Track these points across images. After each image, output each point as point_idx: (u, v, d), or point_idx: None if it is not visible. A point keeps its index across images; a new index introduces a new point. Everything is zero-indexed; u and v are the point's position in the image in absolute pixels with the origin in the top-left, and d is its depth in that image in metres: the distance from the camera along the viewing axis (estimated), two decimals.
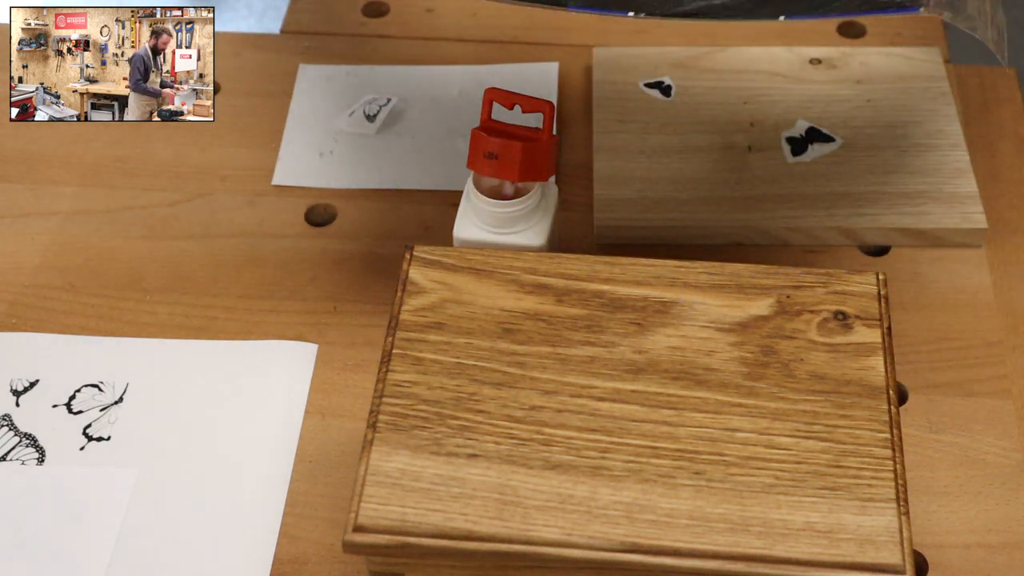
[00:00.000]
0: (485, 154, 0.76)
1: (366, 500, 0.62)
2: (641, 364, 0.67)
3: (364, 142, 0.95)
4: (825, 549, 0.60)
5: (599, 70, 0.97)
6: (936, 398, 0.78)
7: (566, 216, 0.89)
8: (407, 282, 0.71)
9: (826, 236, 0.86)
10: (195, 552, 0.72)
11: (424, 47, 1.02)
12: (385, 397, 0.66)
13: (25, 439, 0.78)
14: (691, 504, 0.62)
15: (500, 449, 0.64)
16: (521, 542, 0.61)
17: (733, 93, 0.95)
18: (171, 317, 0.84)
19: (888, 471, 0.63)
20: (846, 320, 0.69)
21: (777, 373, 0.67)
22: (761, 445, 0.64)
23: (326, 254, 0.87)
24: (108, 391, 0.80)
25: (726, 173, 0.89)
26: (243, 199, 0.91)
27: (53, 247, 0.88)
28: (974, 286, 0.84)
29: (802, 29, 1.02)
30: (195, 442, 0.77)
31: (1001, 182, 0.91)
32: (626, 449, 0.64)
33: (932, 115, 0.92)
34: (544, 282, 0.71)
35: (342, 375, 0.80)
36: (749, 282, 0.71)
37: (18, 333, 0.83)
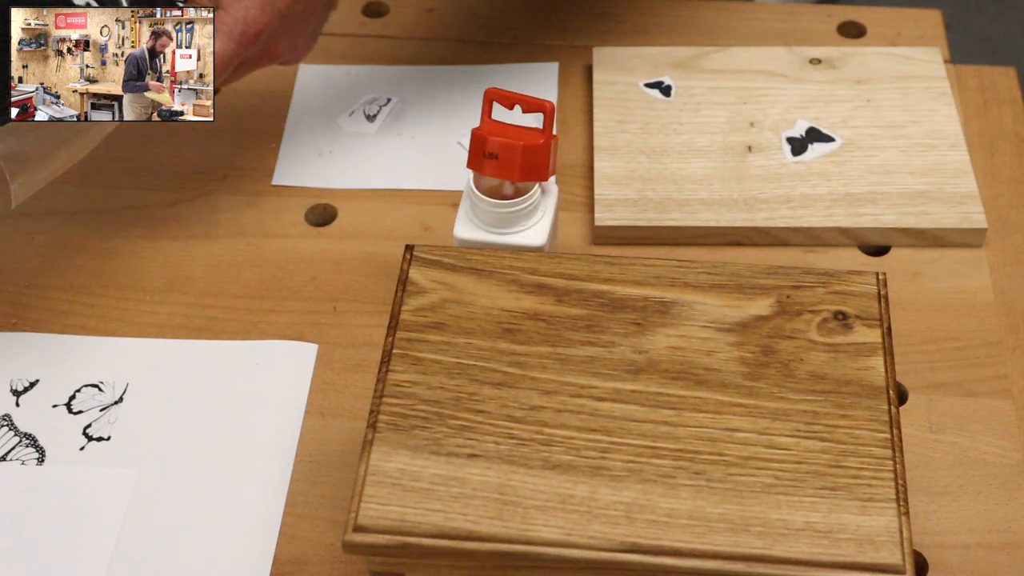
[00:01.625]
0: (485, 154, 0.76)
1: (366, 500, 0.62)
2: (641, 364, 0.67)
3: (364, 142, 0.95)
4: (825, 549, 0.60)
5: (599, 70, 0.97)
6: (936, 398, 0.78)
7: (566, 216, 0.89)
8: (407, 282, 0.71)
9: (826, 236, 0.86)
10: (195, 552, 0.72)
11: (424, 47, 1.02)
12: (385, 397, 0.66)
13: (25, 439, 0.78)
14: (691, 504, 0.62)
15: (500, 449, 0.64)
16: (521, 542, 0.61)
17: (733, 93, 0.95)
18: (171, 317, 0.84)
19: (888, 471, 0.63)
20: (846, 320, 0.69)
21: (777, 373, 0.67)
22: (761, 445, 0.64)
23: (326, 254, 0.88)
24: (108, 391, 0.80)
25: (726, 173, 0.89)
26: (243, 199, 0.91)
27: (53, 247, 0.88)
28: (974, 286, 0.84)
29: (802, 29, 1.02)
30: (195, 442, 0.77)
31: (1001, 182, 0.91)
32: (626, 449, 0.64)
33: (932, 115, 0.92)
34: (544, 282, 0.71)
35: (342, 375, 0.80)
36: (749, 282, 0.71)
37: (18, 333, 0.83)
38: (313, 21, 0.83)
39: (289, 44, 0.82)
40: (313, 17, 0.83)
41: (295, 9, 0.80)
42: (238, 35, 0.77)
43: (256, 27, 0.77)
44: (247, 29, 0.77)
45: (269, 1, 0.78)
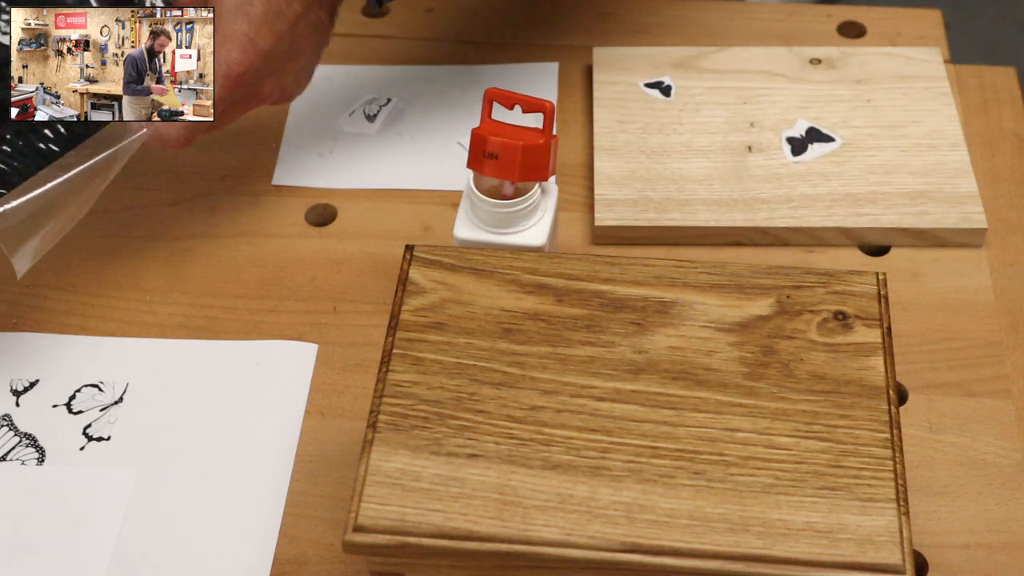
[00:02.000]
0: (485, 154, 0.76)
1: (366, 500, 0.62)
2: (641, 364, 0.67)
3: (364, 142, 0.95)
4: (825, 549, 0.60)
5: (599, 70, 0.97)
6: (936, 398, 0.78)
7: (566, 216, 0.89)
8: (407, 282, 0.71)
9: (826, 236, 0.86)
10: (195, 552, 0.72)
11: (424, 47, 1.02)
12: (385, 397, 0.66)
13: (25, 439, 0.78)
14: (691, 504, 0.62)
15: (500, 449, 0.64)
16: (521, 542, 0.61)
17: (733, 93, 0.95)
18: (171, 317, 0.84)
19: (888, 471, 0.63)
20: (846, 320, 0.69)
21: (777, 373, 0.67)
22: (761, 445, 0.64)
23: (326, 254, 0.88)
24: (108, 391, 0.80)
25: (726, 173, 0.89)
26: (243, 199, 0.91)
27: (53, 247, 0.88)
28: (974, 286, 0.84)
29: (802, 29, 1.02)
30: (195, 442, 0.77)
31: (1001, 182, 0.91)
32: (626, 449, 0.64)
33: (932, 115, 0.92)
34: (544, 282, 0.71)
35: (342, 375, 0.80)
36: (749, 282, 0.71)
37: (18, 333, 0.83)
38: (302, 59, 0.81)
39: (276, 84, 0.81)
40: (302, 55, 0.81)
41: (279, 48, 0.78)
42: (220, 77, 0.76)
43: (238, 68, 0.76)
44: (229, 71, 0.76)
45: (250, 42, 0.76)
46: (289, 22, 0.78)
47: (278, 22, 0.77)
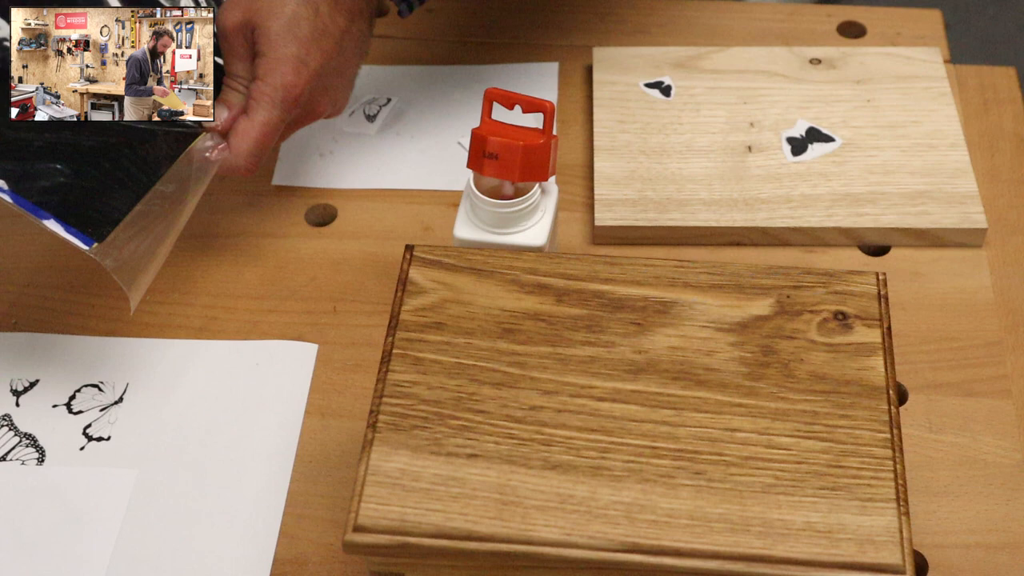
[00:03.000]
0: (485, 154, 0.76)
1: (366, 500, 0.62)
2: (641, 364, 0.67)
3: (364, 142, 0.95)
4: (825, 549, 0.60)
5: (599, 70, 0.97)
6: (936, 398, 0.78)
7: (566, 216, 0.89)
8: (407, 282, 0.71)
9: (826, 236, 0.86)
10: (195, 552, 0.72)
11: (424, 47, 1.02)
12: (385, 397, 0.66)
13: (25, 439, 0.78)
14: (691, 504, 0.62)
15: (500, 449, 0.64)
16: (521, 542, 0.61)
17: (733, 93, 0.95)
18: (171, 317, 0.84)
19: (888, 471, 0.63)
20: (846, 320, 0.69)
21: (777, 373, 0.67)
22: (761, 445, 0.64)
23: (326, 254, 0.88)
24: (108, 391, 0.80)
25: (726, 173, 0.89)
26: (243, 199, 0.91)
27: (53, 247, 0.88)
28: (974, 286, 0.84)
29: (802, 29, 1.02)
30: (195, 442, 0.77)
31: (1001, 182, 0.91)
32: (626, 449, 0.64)
33: (932, 115, 0.92)
34: (544, 282, 0.71)
35: (342, 375, 0.80)
36: (749, 282, 0.71)
37: (18, 333, 0.83)
38: (349, 72, 0.85)
39: (330, 100, 0.84)
40: (349, 68, 0.84)
41: (329, 66, 0.81)
42: (280, 102, 0.79)
43: (295, 91, 0.79)
44: (287, 95, 0.79)
45: (302, 63, 0.79)
46: (335, 38, 0.80)
47: (325, 40, 0.79)
